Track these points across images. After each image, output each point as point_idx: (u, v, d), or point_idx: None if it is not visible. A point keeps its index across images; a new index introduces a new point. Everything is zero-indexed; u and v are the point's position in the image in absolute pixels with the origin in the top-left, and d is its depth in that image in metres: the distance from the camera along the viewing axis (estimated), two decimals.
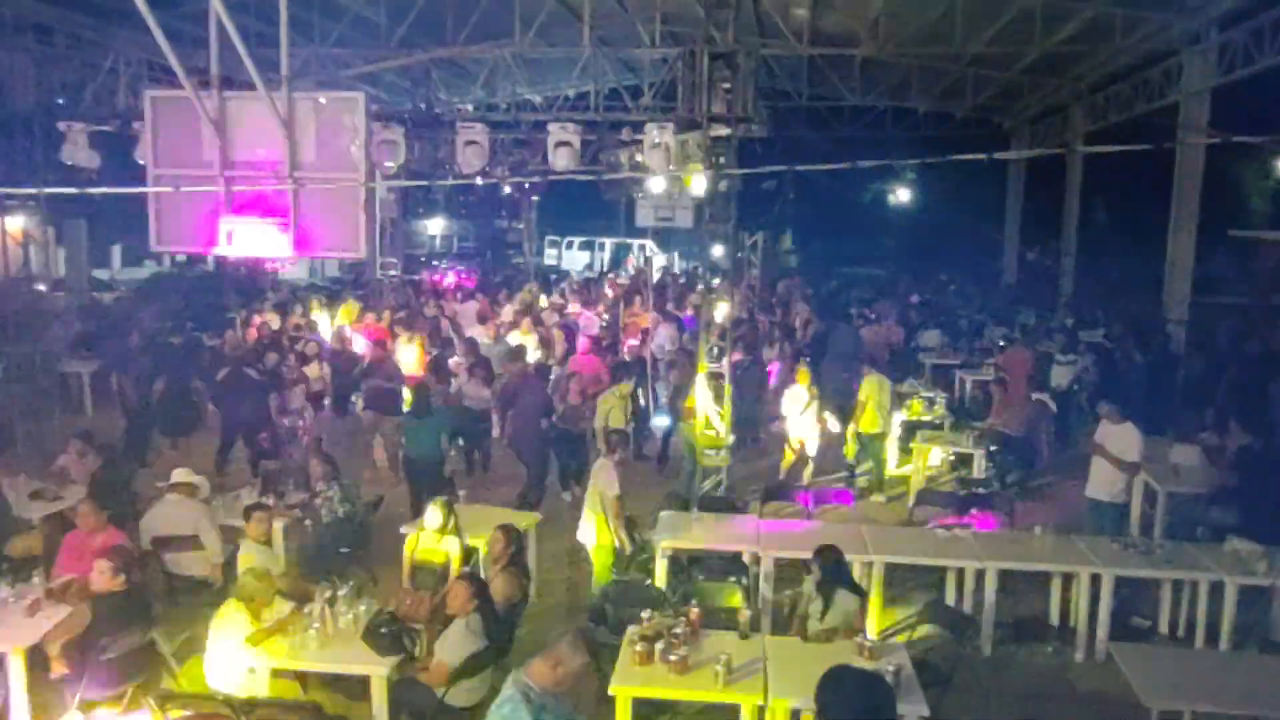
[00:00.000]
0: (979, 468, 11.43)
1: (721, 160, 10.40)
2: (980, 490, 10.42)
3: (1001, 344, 17.12)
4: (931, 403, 13.24)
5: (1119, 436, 8.79)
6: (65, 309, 17.22)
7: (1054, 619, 8.30)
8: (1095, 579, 7.75)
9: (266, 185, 7.67)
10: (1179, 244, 16.23)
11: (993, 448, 11.49)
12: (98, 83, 11.71)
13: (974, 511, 9.44)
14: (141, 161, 9.22)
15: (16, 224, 12.40)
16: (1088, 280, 23.65)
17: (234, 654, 6.29)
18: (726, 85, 10.55)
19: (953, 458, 12.13)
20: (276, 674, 6.35)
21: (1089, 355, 14.74)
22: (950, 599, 8.24)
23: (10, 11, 11.27)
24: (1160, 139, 15.41)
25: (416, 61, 14.92)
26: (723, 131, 10.42)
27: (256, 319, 16.87)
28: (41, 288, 12.64)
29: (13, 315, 11.82)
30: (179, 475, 8.52)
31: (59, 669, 6.55)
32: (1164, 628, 8.10)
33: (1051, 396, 12.93)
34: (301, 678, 6.62)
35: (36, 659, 6.45)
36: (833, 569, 6.79)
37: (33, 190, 10.66)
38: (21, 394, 11.92)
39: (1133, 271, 24.04)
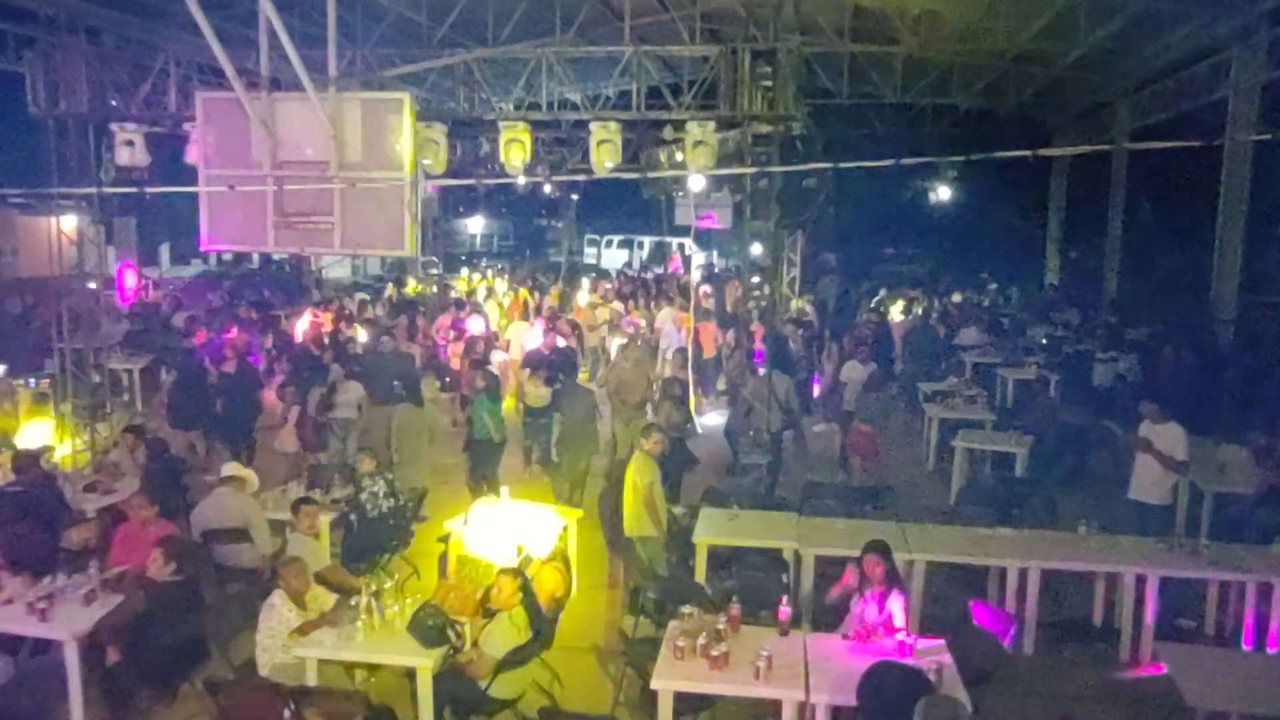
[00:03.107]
0: (1021, 466, 11.32)
1: (763, 157, 10.41)
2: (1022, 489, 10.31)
3: (1044, 342, 16.99)
4: (973, 401, 13.16)
5: (1164, 436, 8.68)
6: (115, 307, 17.60)
7: (1098, 620, 8.23)
8: (1140, 580, 7.67)
9: (314, 184, 7.79)
10: (1227, 242, 15.97)
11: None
12: (149, 84, 11.93)
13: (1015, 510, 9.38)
14: (192, 162, 9.42)
15: (70, 223, 12.69)
16: (1133, 279, 23.33)
17: (283, 644, 6.43)
18: (767, 83, 10.55)
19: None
20: (324, 664, 6.46)
21: (1133, 354, 14.55)
22: (992, 598, 8.19)
23: (64, 14, 11.52)
24: (1208, 135, 15.15)
25: (458, 61, 15.03)
26: (763, 129, 10.41)
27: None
28: (93, 286, 12.89)
29: (66, 312, 12.12)
30: (229, 469, 8.70)
31: (113, 656, 6.73)
32: (1210, 629, 8.00)
33: (1092, 395, 12.79)
34: (348, 668, 6.72)
35: (92, 646, 6.61)
36: (891, 566, 6.79)
37: (90, 190, 10.89)
38: (74, 389, 12.20)
39: (1179, 270, 23.67)
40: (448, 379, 14.87)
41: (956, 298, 23.24)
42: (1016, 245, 30.54)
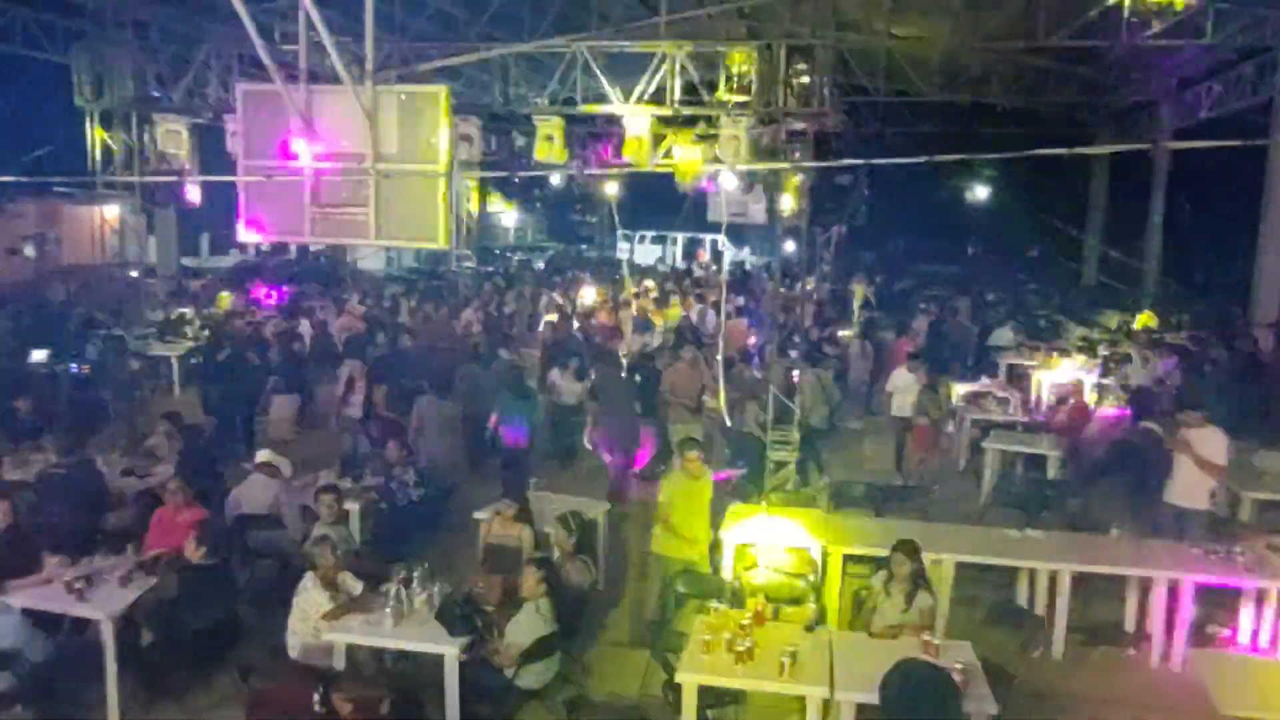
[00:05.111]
0: (1054, 469, 11.20)
1: (797, 154, 10.38)
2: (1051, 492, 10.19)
3: (1081, 344, 16.80)
4: (1006, 402, 13.04)
5: (1203, 440, 8.56)
6: (155, 295, 17.88)
7: (1129, 624, 8.14)
8: (1174, 585, 7.58)
9: (350, 176, 7.86)
10: (1268, 245, 15.72)
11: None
12: (190, 77, 12.13)
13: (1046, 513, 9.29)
14: (232, 152, 9.54)
15: (112, 212, 12.93)
16: (1172, 282, 23.03)
17: (313, 627, 6.52)
18: (804, 79, 10.53)
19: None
20: (354, 648, 6.55)
21: (1171, 357, 14.35)
22: (1022, 600, 8.13)
23: (111, 8, 11.74)
24: (1252, 136, 14.91)
25: (494, 56, 15.12)
26: (799, 126, 10.39)
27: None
28: (134, 274, 13.14)
29: (109, 300, 12.35)
30: (262, 456, 8.82)
31: (148, 636, 6.85)
32: (1244, 637, 7.88)
33: (1128, 398, 12.59)
34: (377, 654, 6.80)
35: (128, 626, 6.73)
36: (919, 565, 6.77)
37: (132, 178, 11.08)
38: (115, 375, 12.43)
39: (1220, 273, 23.36)
40: None
41: (990, 297, 23.03)
42: (1054, 246, 30.22)
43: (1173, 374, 13.91)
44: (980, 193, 33.92)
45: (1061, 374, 14.50)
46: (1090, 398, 12.51)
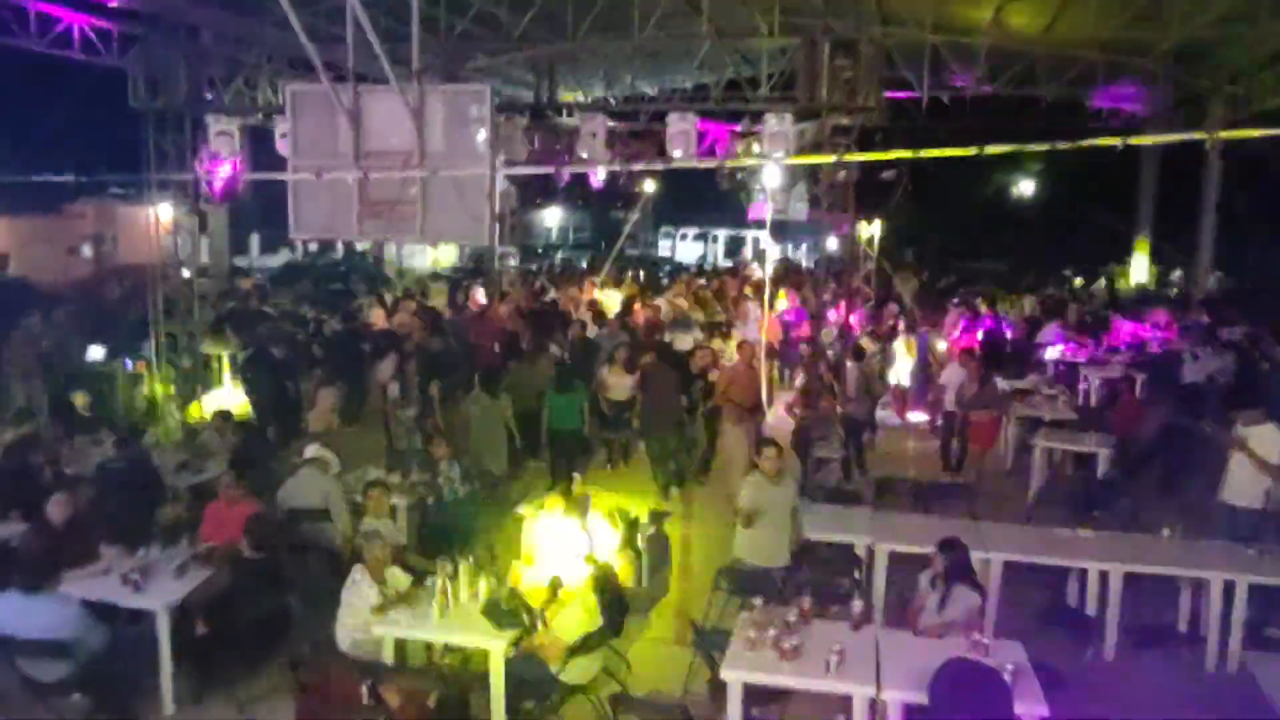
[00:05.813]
0: (1103, 467, 11.03)
1: (841, 149, 10.33)
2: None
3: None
4: (1054, 399, 12.87)
5: (1259, 438, 8.38)
6: (207, 294, 18.18)
7: (1182, 626, 7.99)
8: (1229, 586, 7.43)
9: (397, 174, 7.95)
10: None
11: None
12: (242, 78, 12.34)
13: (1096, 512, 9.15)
14: (282, 153, 9.69)
15: (167, 213, 13.19)
16: (1227, 277, 22.55)
17: (363, 621, 6.61)
18: (846, 74, 10.46)
19: None
20: (404, 642, 6.62)
21: (1226, 354, 14.07)
22: (1072, 601, 8.02)
23: (165, 13, 11.97)
24: None
25: (537, 55, 15.20)
26: (842, 121, 10.33)
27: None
28: (187, 273, 13.39)
29: (163, 299, 12.59)
30: (312, 451, 8.94)
31: (201, 627, 6.98)
32: None
33: (1180, 395, 12.39)
34: (425, 648, 6.87)
35: (182, 618, 6.86)
36: (956, 562, 6.70)
37: (187, 176, 11.28)
38: (169, 372, 12.68)
39: (1276, 268, 22.85)
40: None
41: (1035, 294, 22.69)
42: (1103, 242, 29.72)
43: (1226, 371, 13.65)
44: (1025, 187, 33.44)
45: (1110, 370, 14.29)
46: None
